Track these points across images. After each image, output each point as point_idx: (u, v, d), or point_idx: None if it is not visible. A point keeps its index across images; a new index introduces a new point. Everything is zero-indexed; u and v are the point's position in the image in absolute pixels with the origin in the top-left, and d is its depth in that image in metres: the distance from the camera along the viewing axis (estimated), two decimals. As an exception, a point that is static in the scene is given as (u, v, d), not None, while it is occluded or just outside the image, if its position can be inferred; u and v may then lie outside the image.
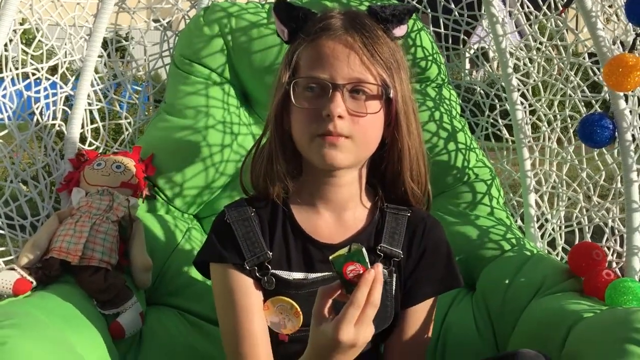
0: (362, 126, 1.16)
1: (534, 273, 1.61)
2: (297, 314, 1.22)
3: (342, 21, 1.18)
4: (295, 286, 1.24)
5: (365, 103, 1.16)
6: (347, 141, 1.16)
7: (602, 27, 1.59)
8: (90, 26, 1.80)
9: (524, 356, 1.12)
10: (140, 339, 1.58)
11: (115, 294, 1.51)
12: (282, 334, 1.24)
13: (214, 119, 1.79)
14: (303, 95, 1.18)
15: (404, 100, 1.20)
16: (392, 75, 1.18)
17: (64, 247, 1.51)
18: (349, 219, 1.28)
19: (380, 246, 1.26)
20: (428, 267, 1.29)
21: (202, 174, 1.78)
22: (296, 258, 1.25)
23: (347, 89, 1.15)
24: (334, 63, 1.15)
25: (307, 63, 1.18)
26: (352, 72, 1.15)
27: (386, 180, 1.28)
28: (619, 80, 1.46)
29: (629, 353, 1.11)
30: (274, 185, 1.24)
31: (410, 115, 1.22)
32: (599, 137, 1.59)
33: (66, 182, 1.72)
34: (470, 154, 1.81)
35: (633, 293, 1.40)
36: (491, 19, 1.87)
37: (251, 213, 1.26)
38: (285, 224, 1.26)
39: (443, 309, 1.67)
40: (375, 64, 1.16)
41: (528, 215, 1.92)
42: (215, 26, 1.81)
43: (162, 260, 1.69)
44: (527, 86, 1.92)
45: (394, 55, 1.20)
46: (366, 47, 1.16)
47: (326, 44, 1.16)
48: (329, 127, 1.14)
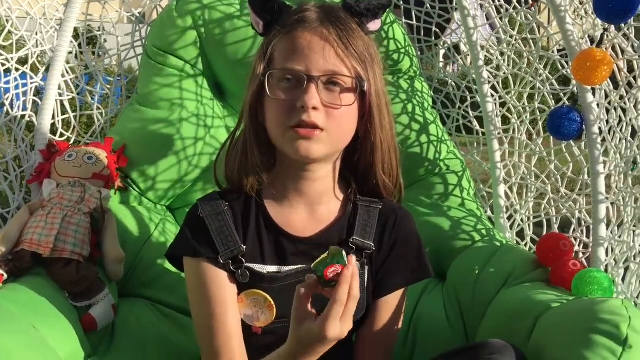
0: (336, 118, 1.17)
1: (503, 263, 1.63)
2: (271, 307, 1.23)
3: (317, 14, 1.19)
4: (269, 280, 1.24)
5: (340, 95, 1.17)
6: (322, 134, 1.16)
7: (571, 22, 1.61)
8: (61, 16, 1.78)
9: (492, 347, 1.14)
10: (113, 331, 1.58)
11: (87, 286, 1.50)
12: (256, 327, 1.25)
13: (187, 110, 1.79)
14: (278, 87, 1.18)
15: (377, 93, 1.21)
16: (366, 69, 1.19)
17: (35, 239, 1.49)
18: (322, 212, 1.29)
19: (353, 239, 1.28)
20: (399, 258, 1.30)
21: (175, 166, 1.77)
22: (269, 251, 1.26)
23: (322, 81, 1.15)
24: (309, 55, 1.15)
25: (282, 55, 1.18)
26: (327, 65, 1.15)
27: (358, 172, 1.29)
28: (587, 74, 1.48)
29: (594, 343, 1.13)
30: (248, 177, 1.24)
31: (383, 108, 1.23)
32: (566, 130, 1.62)
33: (37, 174, 1.71)
34: (441, 146, 1.83)
35: (598, 283, 1.42)
36: (462, 11, 1.88)
37: (224, 207, 1.26)
38: (258, 218, 1.27)
39: (414, 300, 1.69)
40: (350, 57, 1.17)
41: (498, 206, 1.94)
42: (188, 17, 1.80)
43: (135, 252, 1.68)
44: (497, 79, 1.95)
45: (368, 49, 1.20)
46: (341, 39, 1.16)
47: (302, 36, 1.17)
48: (303, 117, 1.14)
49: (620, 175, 1.60)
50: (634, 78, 1.53)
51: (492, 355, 1.12)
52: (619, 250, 1.56)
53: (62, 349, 1.29)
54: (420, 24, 2.09)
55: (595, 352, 1.11)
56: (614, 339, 1.12)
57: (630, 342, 1.12)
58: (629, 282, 1.49)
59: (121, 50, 1.97)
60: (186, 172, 1.78)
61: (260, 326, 1.25)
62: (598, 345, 1.12)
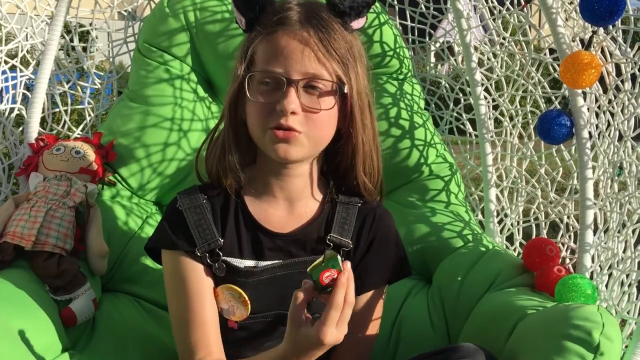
0: (315, 122, 1.17)
1: (489, 268, 1.62)
2: (245, 302, 1.23)
3: (299, 14, 1.17)
4: (245, 274, 1.24)
5: (320, 99, 1.16)
6: (301, 136, 1.16)
7: (563, 24, 1.59)
8: (52, 10, 1.79)
9: (464, 350, 1.13)
10: (94, 326, 1.57)
11: (68, 280, 1.50)
12: (232, 321, 1.26)
13: (177, 106, 1.79)
14: (258, 89, 1.17)
15: (359, 94, 1.20)
16: (347, 71, 1.18)
17: (18, 231, 1.50)
18: (301, 208, 1.29)
19: (330, 236, 1.27)
20: (377, 256, 1.30)
21: (164, 162, 1.77)
22: (247, 246, 1.26)
23: (302, 85, 1.15)
24: (289, 58, 1.14)
25: (262, 57, 1.18)
26: (307, 68, 1.15)
27: (339, 172, 1.29)
28: (574, 77, 1.46)
29: (565, 349, 1.12)
30: (227, 176, 1.24)
31: (365, 109, 1.22)
32: (556, 133, 1.60)
33: (25, 167, 1.71)
34: (429, 150, 1.81)
35: (581, 290, 1.40)
36: (456, 12, 1.87)
37: (203, 200, 1.26)
38: (237, 213, 1.27)
39: (398, 302, 1.68)
40: (330, 60, 1.16)
41: (488, 210, 1.92)
42: (179, 13, 1.80)
43: (120, 247, 1.68)
44: (490, 81, 1.93)
45: (351, 49, 1.19)
46: (322, 42, 1.15)
47: (282, 38, 1.16)
48: (282, 121, 1.14)
49: (607, 180, 1.58)
50: (621, 82, 1.51)
51: (463, 358, 1.11)
52: (604, 257, 1.54)
53: (37, 341, 1.29)
54: (414, 25, 2.08)
55: (566, 358, 1.10)
56: (586, 346, 1.12)
57: (601, 349, 1.11)
58: (610, 288, 1.46)
59: (113, 46, 1.97)
60: (175, 168, 1.78)
61: (235, 320, 1.25)
62: (569, 352, 1.12)
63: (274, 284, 1.25)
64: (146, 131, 1.77)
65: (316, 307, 1.23)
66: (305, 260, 1.24)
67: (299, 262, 1.26)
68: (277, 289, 1.25)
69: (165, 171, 1.78)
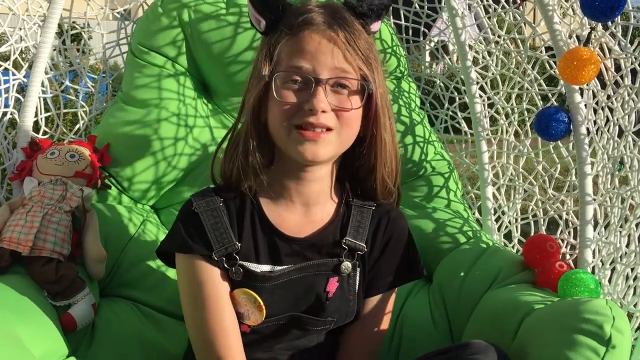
0: (346, 120, 1.17)
1: (489, 265, 1.62)
2: (260, 308, 1.21)
3: (323, 15, 1.17)
4: (262, 279, 1.23)
5: (348, 98, 1.16)
6: (331, 135, 1.16)
7: (559, 21, 1.60)
8: (45, 12, 1.76)
9: (475, 347, 1.13)
10: (93, 331, 1.55)
11: (66, 286, 1.48)
12: (245, 325, 1.24)
13: (172, 108, 1.77)
14: (284, 88, 1.16)
15: (382, 95, 1.21)
16: (372, 70, 1.18)
17: (15, 237, 1.47)
18: (318, 213, 1.27)
19: (345, 239, 1.26)
20: (391, 258, 1.30)
21: (159, 165, 1.75)
22: (264, 250, 1.24)
23: (330, 84, 1.15)
24: (318, 57, 1.14)
25: (289, 56, 1.17)
26: (335, 67, 1.15)
27: (359, 175, 1.27)
28: (573, 73, 1.47)
29: (577, 343, 1.12)
30: (247, 178, 1.22)
31: (386, 110, 1.22)
32: (554, 130, 1.61)
33: (18, 171, 1.69)
34: (428, 147, 1.81)
35: (584, 284, 1.41)
36: (451, 11, 1.87)
37: (219, 203, 1.24)
38: (253, 216, 1.25)
39: (400, 301, 1.67)
40: (356, 59, 1.16)
41: (485, 208, 1.93)
42: (173, 14, 1.79)
43: (117, 252, 1.66)
44: (485, 79, 1.93)
45: (372, 50, 1.20)
46: (348, 42, 1.15)
47: (309, 37, 1.15)
48: (311, 120, 1.14)
49: (607, 176, 1.58)
50: (621, 77, 1.52)
51: (474, 355, 1.11)
52: (605, 252, 1.55)
53: (37, 348, 1.27)
54: (408, 24, 2.08)
55: (579, 352, 1.11)
56: (598, 339, 1.12)
57: (613, 342, 1.11)
58: (615, 282, 1.47)
59: (106, 47, 1.95)
60: (170, 172, 1.76)
61: (250, 325, 1.24)
62: (581, 345, 1.12)
63: (288, 288, 1.24)
64: (141, 134, 1.75)
65: (330, 311, 1.24)
66: (319, 263, 1.25)
67: (313, 264, 1.25)
68: (291, 292, 1.24)
69: (161, 174, 1.76)
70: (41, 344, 1.30)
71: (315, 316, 1.25)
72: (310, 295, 1.24)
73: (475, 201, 2.03)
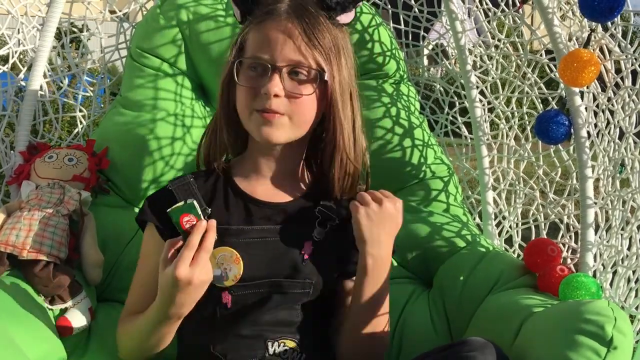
0: (297, 106, 1.25)
1: (490, 269, 1.60)
2: (237, 260, 1.26)
3: (287, 6, 1.26)
4: (236, 233, 1.30)
5: (301, 85, 1.25)
6: (283, 118, 1.25)
7: (559, 24, 1.59)
8: (43, 16, 1.76)
9: (472, 344, 1.12)
10: (90, 336, 1.55)
11: (63, 289, 1.47)
12: (225, 295, 1.27)
13: (170, 112, 1.76)
14: (246, 74, 1.27)
15: (341, 85, 1.28)
16: (329, 61, 1.26)
17: (11, 240, 1.46)
18: (289, 188, 1.37)
19: (318, 208, 1.35)
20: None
21: (157, 168, 1.74)
22: (236, 213, 1.32)
23: (286, 71, 1.24)
24: (275, 46, 1.23)
25: (252, 45, 1.27)
26: (290, 56, 1.23)
27: (322, 158, 1.35)
28: (574, 75, 1.46)
29: (578, 343, 1.11)
30: (216, 154, 1.35)
31: (346, 99, 1.29)
32: (554, 133, 1.60)
33: (16, 175, 1.68)
34: (427, 151, 1.80)
35: (586, 288, 1.39)
36: (450, 15, 1.87)
37: (190, 179, 1.35)
38: (226, 188, 1.35)
39: (399, 306, 1.66)
40: (312, 49, 1.24)
41: (486, 213, 1.91)
42: (172, 18, 1.78)
43: (114, 256, 1.66)
44: (485, 84, 1.93)
45: (336, 42, 1.27)
46: (305, 32, 1.23)
47: (270, 27, 1.25)
48: (266, 104, 1.23)
49: (608, 178, 1.57)
50: (621, 79, 1.51)
51: (471, 352, 1.10)
52: (607, 255, 1.54)
53: (32, 351, 1.26)
54: (408, 28, 2.08)
55: (580, 353, 1.10)
56: (599, 340, 1.10)
57: (615, 343, 1.10)
58: (616, 285, 1.46)
59: (105, 52, 1.94)
60: (168, 175, 1.75)
61: (229, 285, 1.27)
62: (582, 346, 1.10)
63: (264, 249, 1.30)
64: (139, 138, 1.74)
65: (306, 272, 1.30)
66: (295, 229, 1.32)
67: (288, 229, 1.32)
68: (267, 254, 1.30)
69: (159, 178, 1.75)
70: (37, 347, 1.29)
71: (293, 279, 1.29)
72: (286, 258, 1.30)
73: (475, 206, 2.02)
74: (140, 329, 1.29)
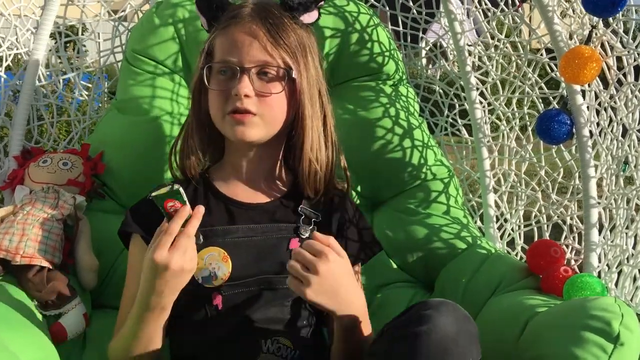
0: (267, 104, 1.29)
1: (493, 271, 1.59)
2: (226, 258, 1.27)
3: (250, 10, 1.30)
4: (222, 233, 1.31)
5: (270, 84, 1.29)
6: (255, 118, 1.29)
7: (559, 22, 1.58)
8: (38, 18, 1.74)
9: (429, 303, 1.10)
10: (84, 342, 1.53)
11: (57, 295, 1.45)
12: (216, 297, 1.27)
13: (166, 116, 1.74)
14: (216, 78, 1.31)
15: (309, 82, 1.32)
16: (296, 59, 1.30)
17: (4, 245, 1.44)
18: (269, 188, 1.40)
19: (301, 207, 1.37)
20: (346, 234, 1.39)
21: (153, 172, 1.71)
22: (220, 216, 1.34)
23: (254, 72, 1.28)
24: (241, 49, 1.28)
25: (219, 49, 1.32)
26: (257, 57, 1.27)
27: (295, 158, 1.37)
28: (575, 72, 1.45)
29: (584, 340, 1.10)
30: (190, 159, 1.37)
31: (315, 97, 1.33)
32: (556, 132, 1.58)
33: (10, 180, 1.67)
34: (427, 152, 1.78)
35: (591, 288, 1.38)
36: (449, 16, 1.85)
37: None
38: (207, 192, 1.38)
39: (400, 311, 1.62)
40: (278, 49, 1.28)
41: (487, 216, 1.89)
42: (168, 21, 1.76)
43: (109, 262, 1.63)
44: (485, 85, 1.91)
45: (301, 41, 1.31)
46: (270, 33, 1.28)
47: (235, 31, 1.29)
48: (237, 104, 1.27)
49: (611, 177, 1.55)
50: (623, 75, 1.50)
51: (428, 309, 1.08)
52: (611, 255, 1.51)
53: (27, 358, 1.22)
54: (406, 30, 2.07)
55: (586, 349, 1.09)
56: (606, 336, 1.09)
57: (621, 340, 1.09)
58: (622, 284, 1.44)
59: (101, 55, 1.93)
60: (164, 180, 1.72)
61: (219, 284, 1.27)
62: (589, 342, 1.09)
63: (250, 247, 1.31)
64: (135, 143, 1.72)
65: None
66: (279, 227, 1.34)
67: (273, 227, 1.34)
68: (254, 252, 1.31)
69: (154, 183, 1.71)
70: (31, 354, 1.25)
71: (282, 274, 1.26)
72: (274, 255, 1.31)
73: (477, 209, 2.00)
74: (126, 333, 1.26)
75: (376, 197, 1.78)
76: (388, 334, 1.12)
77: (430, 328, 1.04)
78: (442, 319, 1.06)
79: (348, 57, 1.78)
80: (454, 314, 1.08)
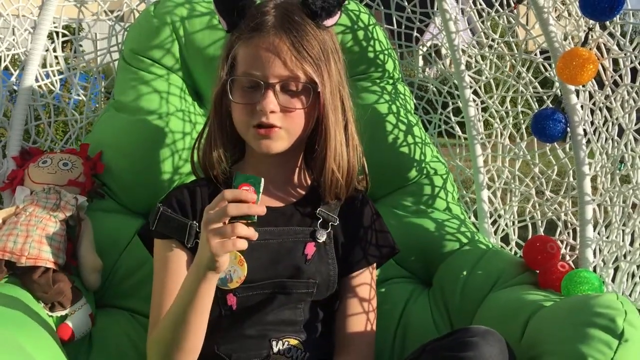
0: (292, 118, 1.30)
1: (491, 267, 1.61)
2: (242, 262, 1.27)
3: (274, 19, 1.28)
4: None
5: (294, 99, 1.29)
6: (280, 131, 1.29)
7: (554, 23, 1.61)
8: (35, 18, 1.73)
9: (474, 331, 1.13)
10: (91, 342, 1.53)
11: (63, 296, 1.45)
12: (231, 297, 1.29)
13: (163, 115, 1.74)
14: (241, 90, 1.30)
15: (332, 92, 1.31)
16: (320, 71, 1.29)
17: (9, 247, 1.44)
18: (288, 191, 1.40)
19: (319, 210, 1.38)
20: (363, 236, 1.40)
21: (153, 172, 1.72)
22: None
23: (278, 87, 1.27)
24: (266, 64, 1.26)
25: (243, 61, 1.30)
26: (281, 72, 1.26)
27: (316, 164, 1.37)
28: (573, 73, 1.47)
29: (589, 336, 1.11)
30: (213, 169, 1.37)
31: (337, 104, 1.33)
32: (551, 131, 1.61)
33: (9, 181, 1.65)
34: (425, 149, 1.80)
35: (589, 283, 1.41)
36: (444, 15, 1.88)
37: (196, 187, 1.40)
38: None
39: (400, 306, 1.66)
40: (303, 62, 1.27)
41: (481, 211, 1.93)
42: (166, 20, 1.75)
43: (111, 262, 1.63)
44: (479, 83, 1.94)
45: (324, 47, 1.30)
46: (294, 46, 1.26)
47: (258, 45, 1.27)
48: (263, 119, 1.27)
49: (606, 175, 1.59)
50: (619, 77, 1.53)
51: (473, 337, 1.10)
52: (607, 251, 1.55)
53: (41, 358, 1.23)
54: (401, 30, 2.08)
55: (591, 346, 1.10)
56: (610, 332, 1.11)
57: (626, 336, 1.11)
58: (619, 281, 1.48)
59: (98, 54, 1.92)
60: (163, 179, 1.73)
61: (234, 287, 1.27)
62: (594, 339, 1.11)
63: (266, 251, 1.32)
64: (133, 142, 1.72)
65: (310, 272, 1.32)
66: (295, 230, 1.35)
67: (289, 231, 1.35)
68: (270, 255, 1.32)
69: (154, 182, 1.73)
70: (44, 354, 1.26)
71: (297, 279, 1.31)
72: (289, 259, 1.32)
73: (470, 205, 2.03)
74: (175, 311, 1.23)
75: (376, 193, 1.80)
76: (430, 354, 1.15)
77: (476, 355, 1.06)
78: (489, 348, 1.08)
79: (351, 54, 1.77)
80: (499, 344, 1.10)
